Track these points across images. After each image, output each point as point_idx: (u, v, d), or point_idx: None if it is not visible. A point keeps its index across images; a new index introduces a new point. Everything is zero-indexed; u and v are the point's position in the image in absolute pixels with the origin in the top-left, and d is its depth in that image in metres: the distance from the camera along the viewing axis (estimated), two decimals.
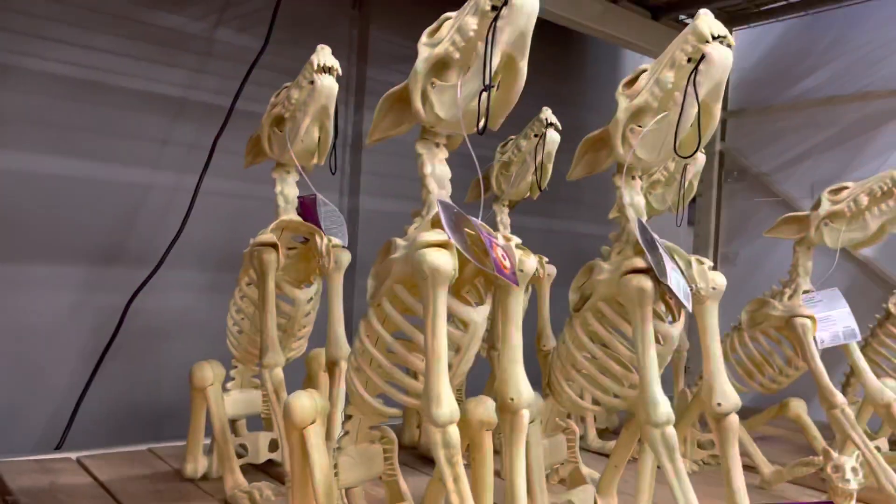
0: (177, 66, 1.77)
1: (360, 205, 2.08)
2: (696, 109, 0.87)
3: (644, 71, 0.94)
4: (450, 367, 0.82)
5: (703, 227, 2.62)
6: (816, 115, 2.36)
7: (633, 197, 0.98)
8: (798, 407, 1.55)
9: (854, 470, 1.07)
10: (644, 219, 0.98)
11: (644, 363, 0.89)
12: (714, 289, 0.96)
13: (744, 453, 1.49)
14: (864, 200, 1.34)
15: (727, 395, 0.93)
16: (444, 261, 0.76)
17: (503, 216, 1.57)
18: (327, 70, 1.07)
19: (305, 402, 0.86)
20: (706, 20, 0.86)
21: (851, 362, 1.40)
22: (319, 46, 1.09)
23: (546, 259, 1.56)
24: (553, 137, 1.41)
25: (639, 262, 0.91)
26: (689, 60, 0.86)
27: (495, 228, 1.57)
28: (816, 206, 1.41)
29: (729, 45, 0.86)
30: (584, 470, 1.18)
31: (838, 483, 1.06)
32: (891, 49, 2.23)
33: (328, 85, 1.07)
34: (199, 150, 1.75)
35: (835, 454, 1.09)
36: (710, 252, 2.60)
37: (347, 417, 0.94)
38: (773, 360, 1.48)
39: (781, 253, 1.78)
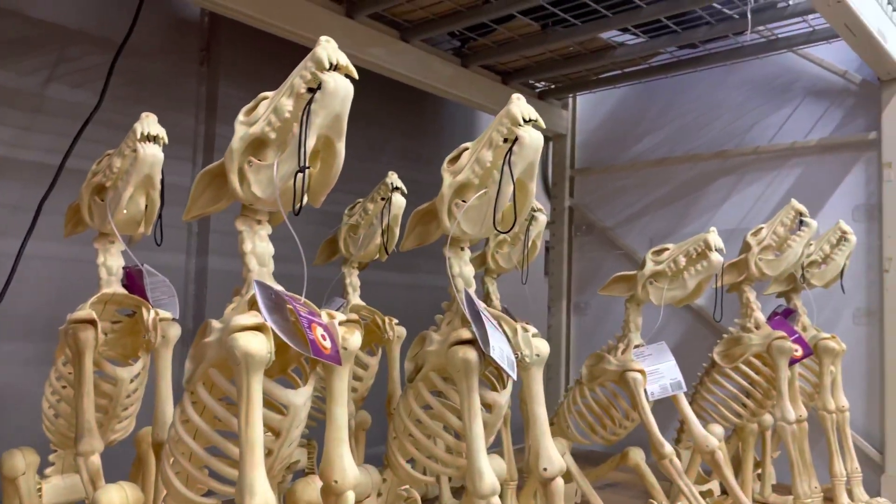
0: (2, 124, 1.65)
1: (209, 265, 2.01)
2: (511, 187, 0.92)
3: (466, 149, 0.98)
4: (270, 452, 0.80)
5: (557, 278, 2.74)
6: (652, 175, 2.56)
7: (462, 267, 1.01)
8: (636, 456, 1.62)
9: None
10: (472, 289, 1.01)
11: (470, 434, 0.90)
12: (538, 356, 1.00)
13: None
14: (682, 261, 1.45)
15: (552, 460, 0.96)
16: (257, 345, 0.74)
17: (352, 278, 1.57)
18: (152, 139, 1.03)
19: (114, 498, 0.80)
20: (519, 105, 0.91)
21: (680, 412, 1.49)
22: (144, 114, 1.05)
23: (395, 321, 1.58)
24: (399, 201, 1.45)
25: (465, 334, 0.94)
26: (504, 141, 0.91)
27: (345, 291, 1.57)
28: (642, 266, 1.51)
29: (539, 129, 0.92)
30: None
31: None
32: (714, 115, 2.46)
33: (152, 153, 1.03)
34: (25, 212, 1.63)
35: None
36: (564, 302, 2.72)
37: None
38: (612, 413, 1.56)
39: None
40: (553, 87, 2.65)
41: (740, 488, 1.73)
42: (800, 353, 1.67)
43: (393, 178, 1.46)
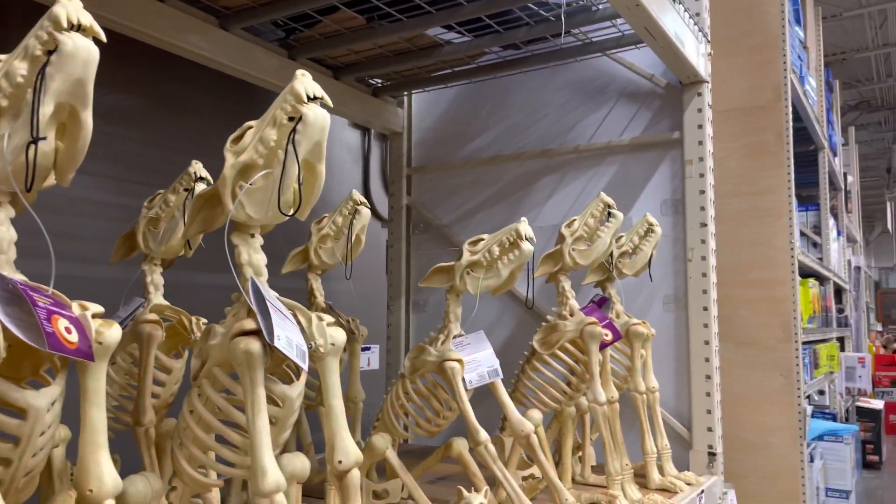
0: None
1: None
2: (296, 167, 0.87)
3: (250, 128, 0.92)
4: (7, 462, 0.70)
5: (396, 276, 2.73)
6: (484, 173, 2.61)
7: (251, 255, 0.95)
8: (459, 445, 1.63)
9: None
10: (263, 278, 0.95)
11: (254, 429, 0.85)
12: (333, 345, 0.96)
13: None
14: (496, 251, 1.47)
15: (348, 452, 0.93)
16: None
17: (154, 276, 1.46)
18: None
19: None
20: (303, 81, 0.87)
21: (497, 399, 1.52)
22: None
23: (204, 320, 1.48)
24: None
25: (248, 324, 0.88)
26: (289, 119, 0.87)
27: (145, 290, 1.45)
28: (459, 256, 1.52)
29: (325, 106, 0.88)
30: None
31: None
32: (540, 115, 2.56)
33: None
34: None
35: (465, 492, 1.15)
36: (403, 300, 2.71)
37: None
38: (433, 404, 1.55)
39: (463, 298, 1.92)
40: (387, 84, 2.64)
41: (561, 470, 1.79)
42: (610, 337, 1.76)
43: (197, 168, 1.37)
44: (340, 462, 0.93)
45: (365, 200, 1.64)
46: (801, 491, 3.94)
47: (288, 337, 0.88)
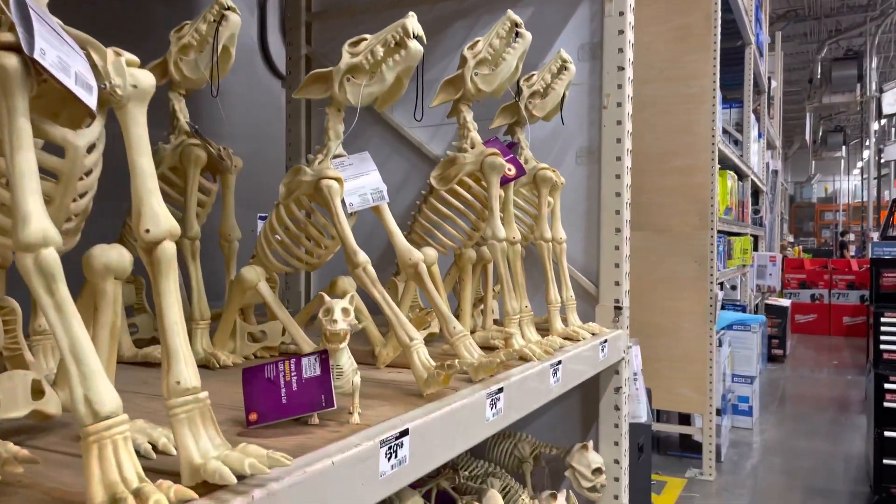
0: None
1: None
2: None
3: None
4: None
5: (295, 134, 2.50)
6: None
7: None
8: (346, 284, 1.49)
9: (344, 311, 0.99)
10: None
11: (13, 169, 0.65)
12: (135, 87, 0.76)
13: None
14: (380, 52, 1.28)
15: (158, 218, 0.75)
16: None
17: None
18: None
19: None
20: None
21: (383, 225, 1.36)
22: None
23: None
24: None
25: (6, 37, 0.67)
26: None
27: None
28: (339, 60, 1.32)
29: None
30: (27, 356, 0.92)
31: (327, 325, 0.97)
32: None
33: None
34: None
35: (327, 298, 1.00)
36: (303, 161, 2.50)
37: None
38: (310, 231, 1.38)
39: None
40: None
41: (459, 318, 1.67)
42: (513, 172, 1.61)
43: None
44: (148, 231, 0.74)
45: (233, 5, 1.40)
46: (708, 374, 4.05)
47: (61, 58, 0.68)
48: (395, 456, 0.92)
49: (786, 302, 7.92)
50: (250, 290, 1.37)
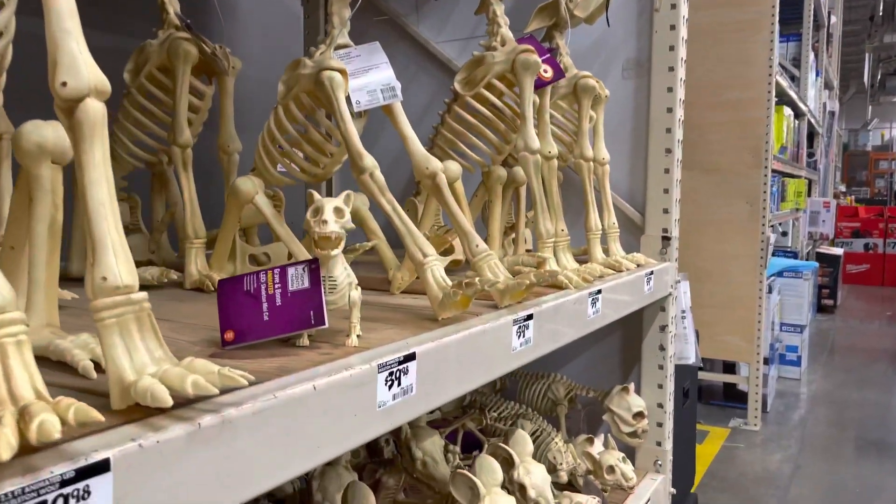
0: None
1: None
2: None
3: None
4: None
5: None
6: None
7: None
8: (357, 201, 1.31)
9: (337, 210, 0.82)
10: None
11: None
12: None
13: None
14: None
15: (79, 68, 0.57)
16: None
17: None
18: None
19: None
20: None
21: (396, 127, 1.17)
22: None
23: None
24: None
25: None
26: None
27: None
28: None
29: None
30: None
31: (316, 227, 0.80)
32: None
33: None
34: None
35: (317, 196, 0.83)
36: None
37: None
38: (312, 136, 1.20)
39: None
40: None
41: (488, 243, 1.49)
42: (550, 74, 1.40)
43: None
44: (65, 84, 0.57)
45: None
46: (756, 321, 3.82)
47: None
48: (399, 384, 0.75)
49: (838, 250, 7.54)
50: (247, 205, 1.21)
